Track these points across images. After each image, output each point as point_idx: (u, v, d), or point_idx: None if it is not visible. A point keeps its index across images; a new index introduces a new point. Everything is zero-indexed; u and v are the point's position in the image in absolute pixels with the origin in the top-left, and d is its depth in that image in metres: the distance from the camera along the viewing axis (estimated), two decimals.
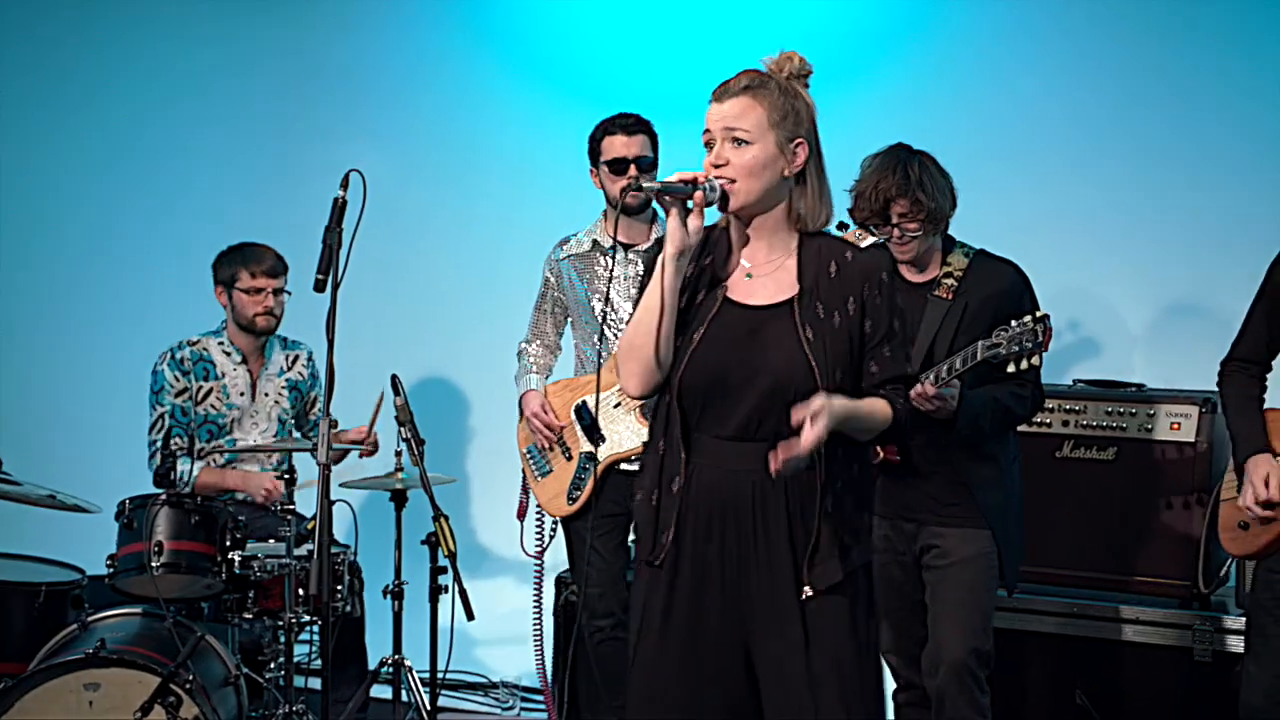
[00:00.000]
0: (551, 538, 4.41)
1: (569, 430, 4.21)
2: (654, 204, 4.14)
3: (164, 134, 5.77)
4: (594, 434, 4.13)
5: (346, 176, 3.43)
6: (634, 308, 2.82)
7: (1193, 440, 4.01)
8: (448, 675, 4.34)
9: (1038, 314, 3.34)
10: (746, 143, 2.68)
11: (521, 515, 4.42)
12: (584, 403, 4.18)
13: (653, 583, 2.77)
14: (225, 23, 5.73)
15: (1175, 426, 4.04)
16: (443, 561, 4.03)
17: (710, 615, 2.72)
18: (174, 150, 5.77)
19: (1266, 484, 3.26)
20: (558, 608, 4.49)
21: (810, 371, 2.65)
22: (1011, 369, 3.35)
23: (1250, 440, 3.37)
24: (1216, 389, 3.56)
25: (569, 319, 4.35)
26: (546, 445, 4.26)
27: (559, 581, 4.53)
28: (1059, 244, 4.70)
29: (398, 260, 5.46)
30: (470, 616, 3.80)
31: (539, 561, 4.45)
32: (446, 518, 3.86)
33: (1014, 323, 3.34)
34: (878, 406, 2.68)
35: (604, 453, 4.10)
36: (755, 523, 2.70)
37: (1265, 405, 3.45)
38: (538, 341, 4.40)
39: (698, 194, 2.67)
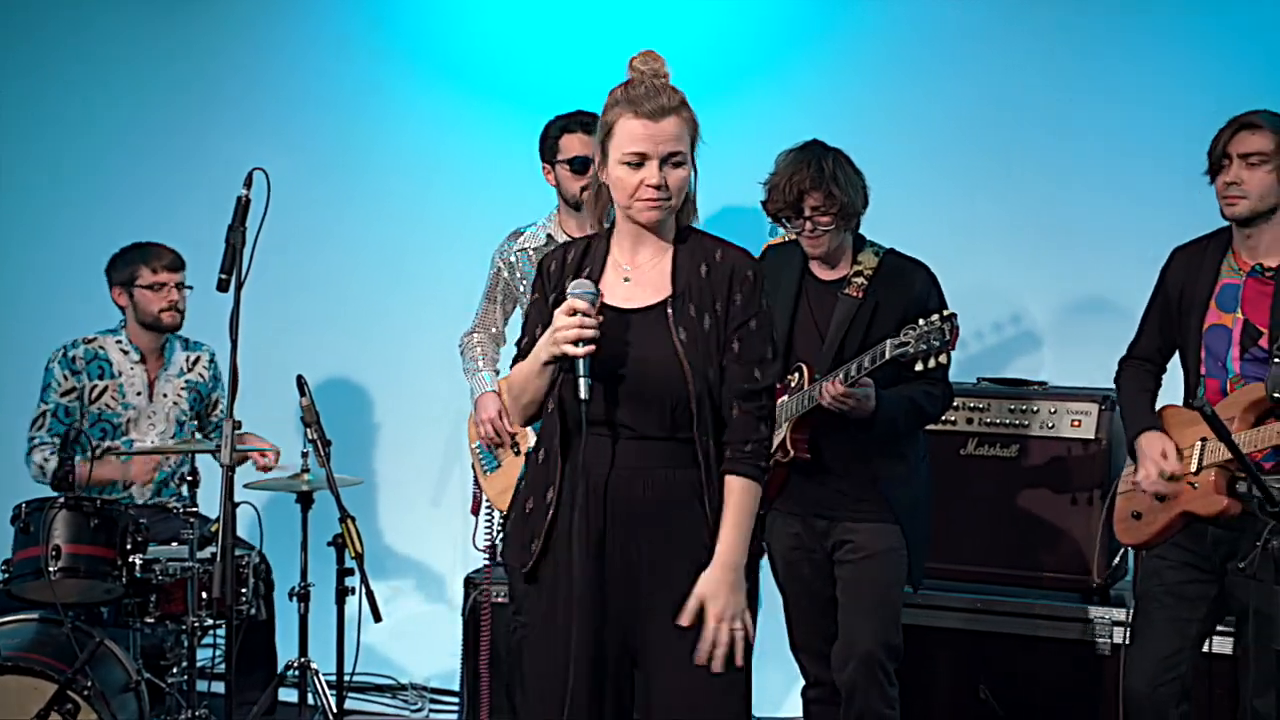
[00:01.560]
0: (499, 533, 4.39)
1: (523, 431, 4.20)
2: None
3: (62, 133, 5.65)
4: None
5: (250, 175, 3.39)
6: None
7: (1093, 437, 4.09)
8: (355, 678, 4.29)
9: (945, 313, 3.37)
10: (681, 164, 2.71)
11: (475, 510, 4.40)
12: None
13: (532, 592, 2.79)
14: (124, 19, 5.62)
15: (1076, 424, 4.12)
16: (350, 563, 3.99)
17: (596, 620, 2.72)
18: (72, 150, 5.64)
19: (1164, 456, 3.33)
20: (467, 610, 4.46)
21: (682, 374, 2.68)
22: (919, 367, 3.38)
23: (1139, 421, 3.44)
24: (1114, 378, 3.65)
25: (517, 309, 4.33)
26: (498, 445, 4.25)
27: (468, 582, 4.50)
28: (968, 243, 4.75)
29: (302, 259, 5.39)
30: (377, 618, 3.77)
31: (488, 557, 4.42)
32: (353, 519, 3.83)
33: (922, 321, 3.37)
34: (749, 509, 2.72)
35: None
36: (645, 522, 2.71)
37: (1165, 403, 3.52)
38: (483, 333, 4.36)
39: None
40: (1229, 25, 4.60)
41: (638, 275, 2.78)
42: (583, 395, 2.62)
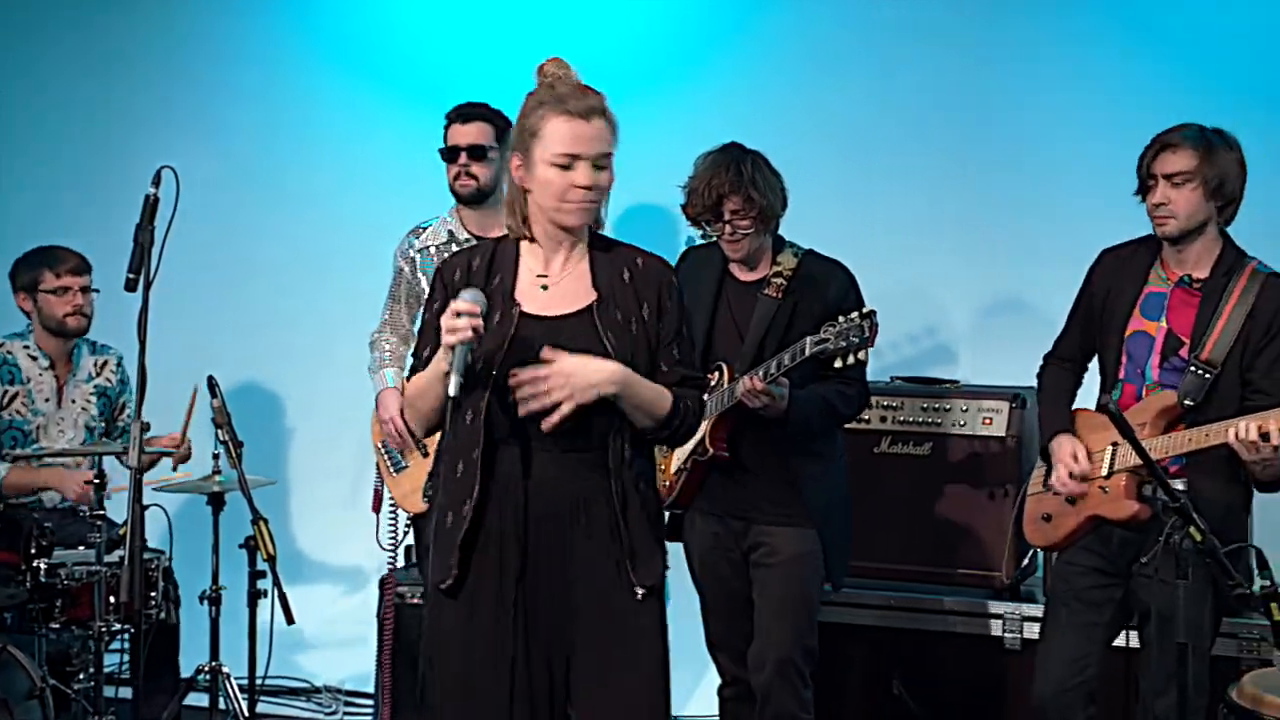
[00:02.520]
0: (406, 533, 4.35)
1: None
2: (498, 192, 4.11)
3: None
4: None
5: (158, 173, 3.33)
6: None
7: (1004, 435, 4.14)
8: (267, 681, 4.25)
9: (864, 310, 3.40)
10: (607, 166, 2.71)
11: (376, 508, 4.36)
12: None
13: (444, 609, 2.75)
14: (38, 16, 5.51)
15: (987, 422, 4.17)
16: (262, 565, 3.96)
17: (515, 637, 2.71)
18: None
19: (1075, 458, 3.38)
20: (381, 611, 4.43)
21: None
22: (839, 364, 3.40)
23: (1054, 423, 3.49)
24: (1030, 385, 3.69)
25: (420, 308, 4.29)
26: (403, 447, 4.21)
27: (382, 583, 4.47)
28: (887, 244, 4.78)
29: (214, 260, 5.35)
30: (290, 620, 3.73)
31: (392, 556, 4.38)
32: (266, 520, 3.79)
33: (841, 318, 3.39)
34: (661, 390, 2.71)
35: None
36: (570, 533, 2.71)
37: (1078, 406, 3.57)
38: (391, 332, 4.33)
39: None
40: (1153, 33, 4.66)
41: (555, 282, 2.76)
42: (451, 392, 2.58)
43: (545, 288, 2.76)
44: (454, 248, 4.18)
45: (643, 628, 2.73)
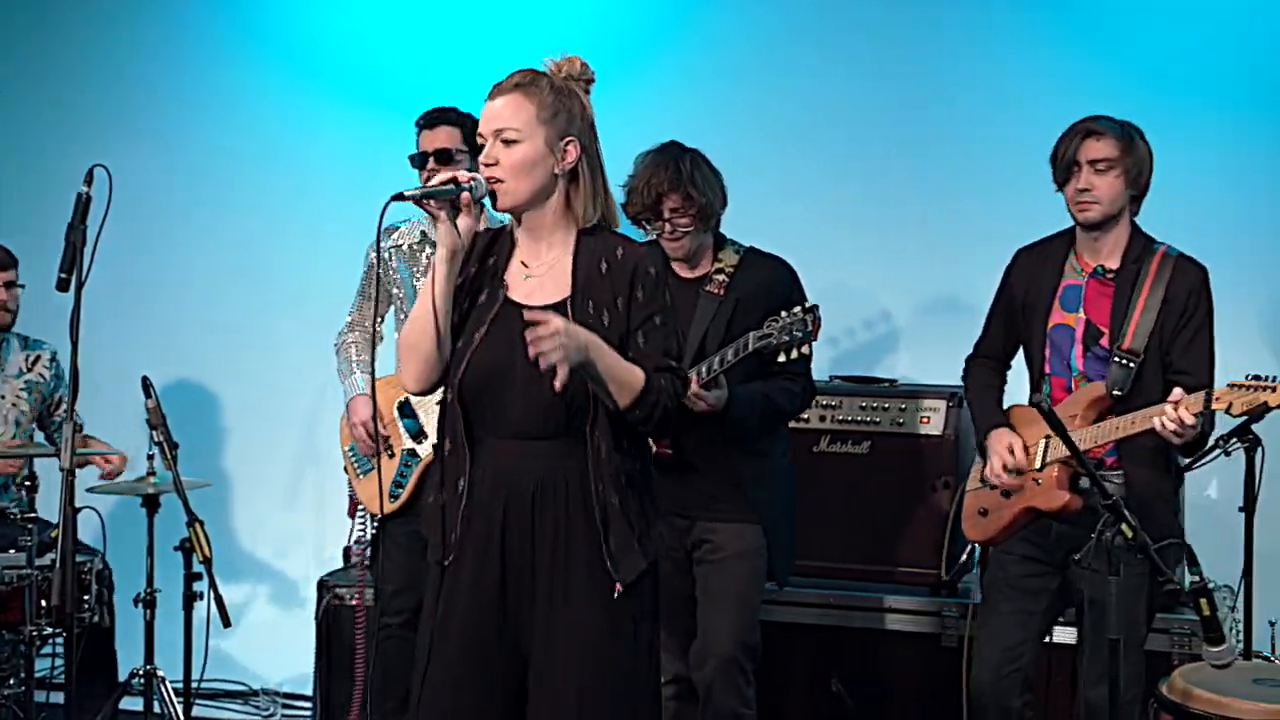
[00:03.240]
0: (374, 536, 4.32)
1: (392, 427, 4.13)
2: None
3: None
4: (418, 431, 4.07)
5: (90, 171, 3.29)
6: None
7: (941, 433, 4.18)
8: (203, 684, 4.21)
9: (807, 304, 3.42)
10: (515, 141, 2.68)
11: (352, 513, 4.33)
12: (407, 399, 4.10)
13: (440, 585, 2.74)
14: None
15: (925, 420, 4.21)
16: (198, 567, 3.91)
17: (492, 619, 2.70)
18: None
19: (1011, 451, 3.42)
20: (319, 613, 4.40)
21: None
22: (782, 359, 3.42)
23: (988, 418, 3.53)
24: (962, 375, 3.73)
25: (391, 308, 4.26)
26: (370, 451, 4.18)
27: (321, 585, 4.44)
28: (827, 241, 4.80)
29: (149, 259, 5.29)
30: (226, 623, 3.70)
31: (358, 559, 4.35)
32: (201, 522, 3.76)
33: (784, 313, 3.41)
34: (634, 368, 2.66)
35: (426, 450, 4.03)
36: (540, 523, 2.69)
37: (1012, 402, 3.61)
38: (359, 332, 4.29)
39: (463, 194, 2.67)
40: (1089, 32, 4.72)
41: (539, 273, 2.75)
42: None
43: (529, 276, 2.76)
44: (427, 248, 4.16)
45: (617, 625, 2.69)
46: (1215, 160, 4.56)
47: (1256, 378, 3.08)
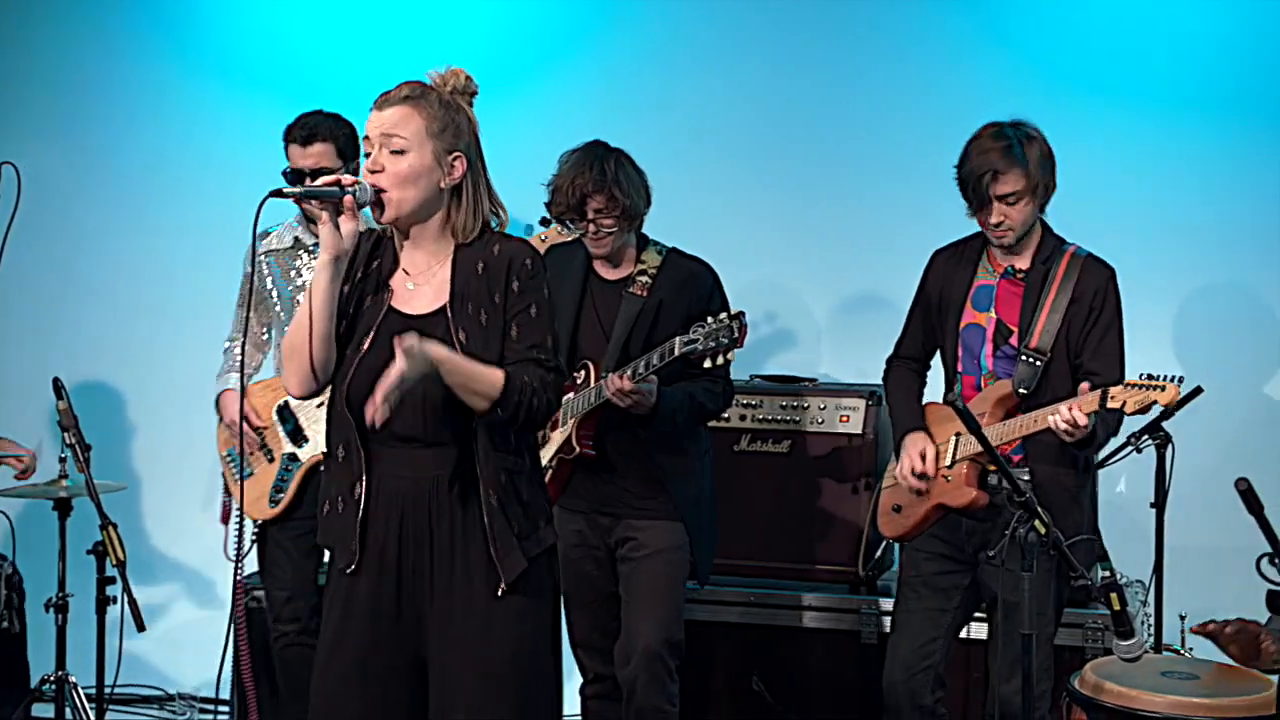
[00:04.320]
0: (254, 543, 4.27)
1: (271, 431, 4.09)
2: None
3: None
4: (297, 435, 4.03)
5: None
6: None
7: (860, 432, 4.21)
8: (117, 689, 4.14)
9: (734, 311, 3.44)
10: (403, 151, 2.68)
11: (225, 519, 4.28)
12: (286, 403, 4.06)
13: (340, 592, 2.75)
14: None
15: (844, 419, 4.24)
16: (111, 571, 3.85)
17: (388, 623, 2.71)
18: None
19: (923, 457, 3.46)
20: (230, 617, 4.34)
21: None
22: (708, 364, 3.44)
23: (907, 421, 3.57)
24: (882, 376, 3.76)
25: (270, 316, 4.21)
26: (247, 449, 4.13)
27: (236, 589, 4.38)
28: (749, 240, 4.83)
29: (60, 258, 5.21)
30: (141, 627, 3.64)
31: (239, 566, 4.30)
32: (114, 525, 3.70)
33: (710, 319, 3.42)
34: (491, 370, 2.67)
35: (306, 454, 4.01)
36: (434, 524, 2.70)
37: (925, 400, 3.66)
38: (244, 339, 4.23)
39: (347, 198, 2.65)
40: (988, 27, 4.79)
41: (421, 281, 2.76)
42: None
43: (411, 284, 2.76)
44: (301, 254, 4.12)
45: (507, 623, 2.71)
46: (1121, 159, 4.64)
47: (1150, 377, 3.14)
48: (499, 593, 2.69)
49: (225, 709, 4.76)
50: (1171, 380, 3.12)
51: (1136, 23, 4.67)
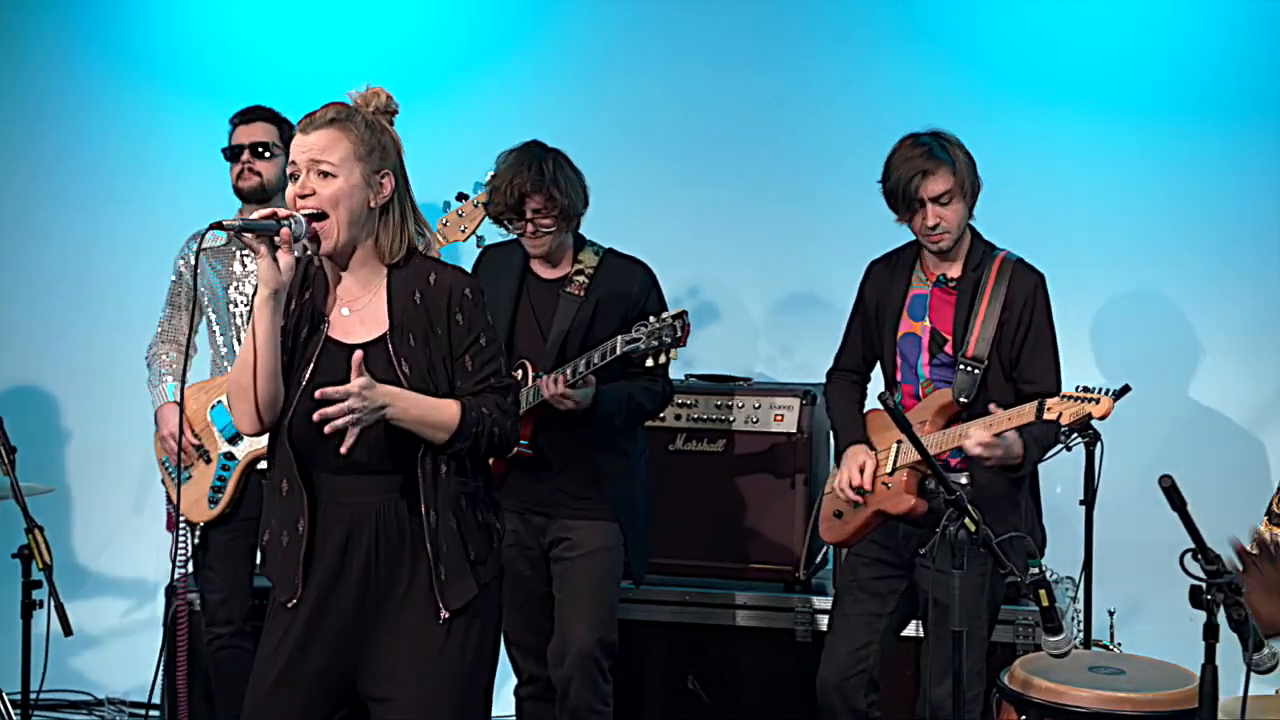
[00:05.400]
0: (197, 548, 4.23)
1: (207, 432, 4.05)
2: (281, 194, 4.03)
3: None
4: (234, 433, 4.00)
5: None
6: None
7: (795, 431, 4.23)
8: (43, 695, 4.07)
9: (676, 310, 3.45)
10: (332, 175, 2.66)
11: (170, 527, 4.22)
12: (221, 403, 4.02)
13: (280, 623, 2.74)
14: None
15: (779, 418, 4.25)
16: (37, 575, 3.79)
17: (328, 652, 2.71)
18: None
19: (861, 471, 3.48)
20: (167, 619, 4.30)
21: None
22: (649, 363, 3.44)
23: (849, 433, 3.60)
24: (822, 381, 3.77)
25: (204, 317, 4.17)
26: (185, 460, 4.09)
27: (169, 591, 4.34)
28: (686, 240, 4.84)
29: None
30: (68, 632, 3.58)
31: (183, 570, 4.25)
32: (41, 529, 3.63)
33: (653, 318, 3.43)
34: (445, 404, 2.67)
35: (243, 450, 3.97)
36: (381, 554, 2.69)
37: (871, 408, 3.66)
38: (170, 343, 4.20)
39: (284, 231, 2.63)
40: (925, 28, 4.82)
41: (356, 308, 2.75)
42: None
43: (346, 312, 2.75)
44: (234, 249, 4.09)
45: (449, 650, 2.71)
46: (1048, 162, 4.68)
47: (1085, 389, 3.17)
48: (441, 620, 2.69)
49: (155, 713, 4.71)
50: (1106, 393, 3.15)
51: (1062, 23, 4.71)
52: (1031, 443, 3.34)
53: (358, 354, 2.56)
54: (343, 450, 2.57)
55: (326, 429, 2.56)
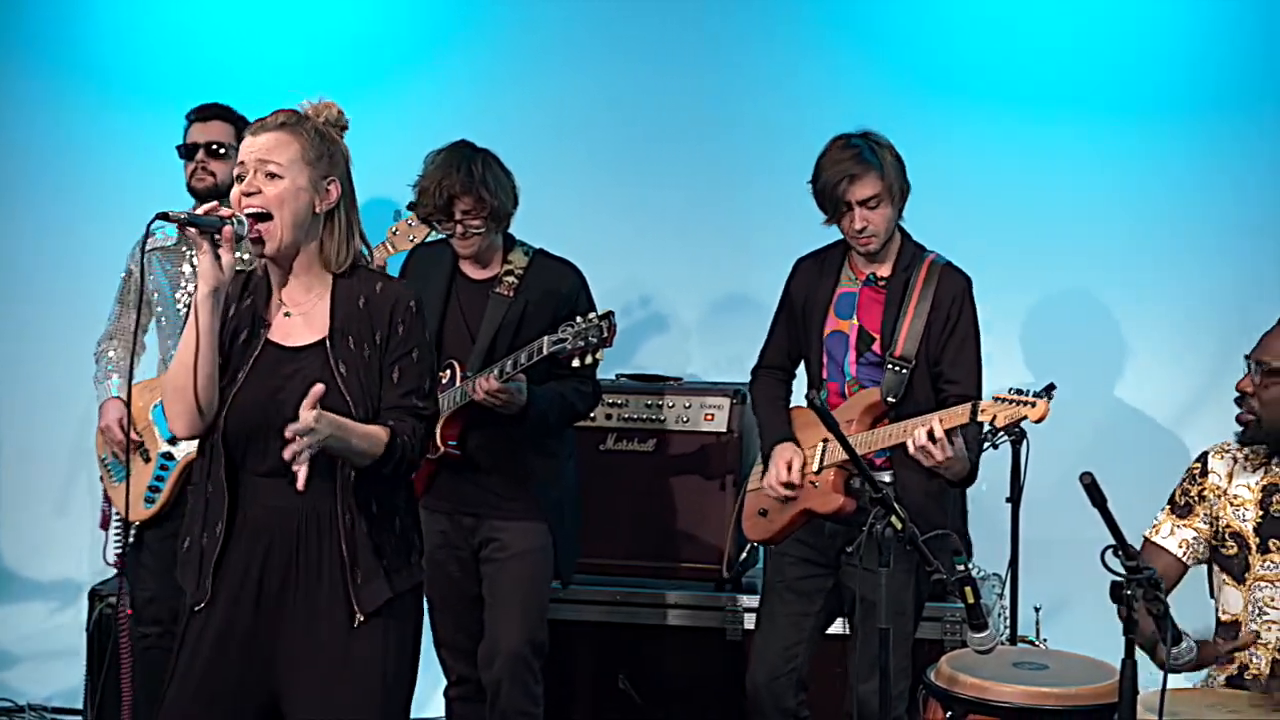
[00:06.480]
0: (132, 546, 4.17)
1: (148, 431, 4.02)
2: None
3: None
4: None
5: None
6: None
7: (725, 430, 4.24)
8: None
9: (603, 310, 3.44)
10: (279, 176, 2.67)
11: (104, 525, 4.19)
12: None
13: (192, 629, 2.72)
14: None
15: (710, 417, 4.26)
16: None
17: (240, 664, 2.69)
18: None
19: (789, 468, 3.49)
20: (91, 624, 4.24)
21: (346, 407, 2.67)
22: (576, 364, 3.43)
23: (775, 430, 3.61)
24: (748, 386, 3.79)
25: (153, 317, 4.13)
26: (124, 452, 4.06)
27: (93, 594, 4.28)
28: (617, 240, 4.83)
29: None
30: None
31: (120, 570, 4.19)
32: None
33: (580, 318, 3.43)
34: (374, 431, 2.68)
35: (182, 451, 3.94)
36: (300, 558, 2.69)
37: (796, 404, 3.67)
38: (118, 340, 4.15)
39: (226, 229, 2.63)
40: (853, 27, 4.83)
41: (299, 312, 2.75)
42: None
43: (288, 314, 2.75)
44: (184, 250, 4.05)
45: (363, 656, 2.70)
46: (980, 161, 4.71)
47: (1020, 392, 3.19)
48: (355, 624, 2.68)
49: (79, 718, 4.65)
50: (1040, 396, 3.17)
51: (989, 21, 4.74)
52: (974, 449, 3.35)
53: (318, 386, 2.55)
54: (300, 488, 2.55)
55: (295, 466, 2.54)
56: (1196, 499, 3.12)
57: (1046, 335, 4.71)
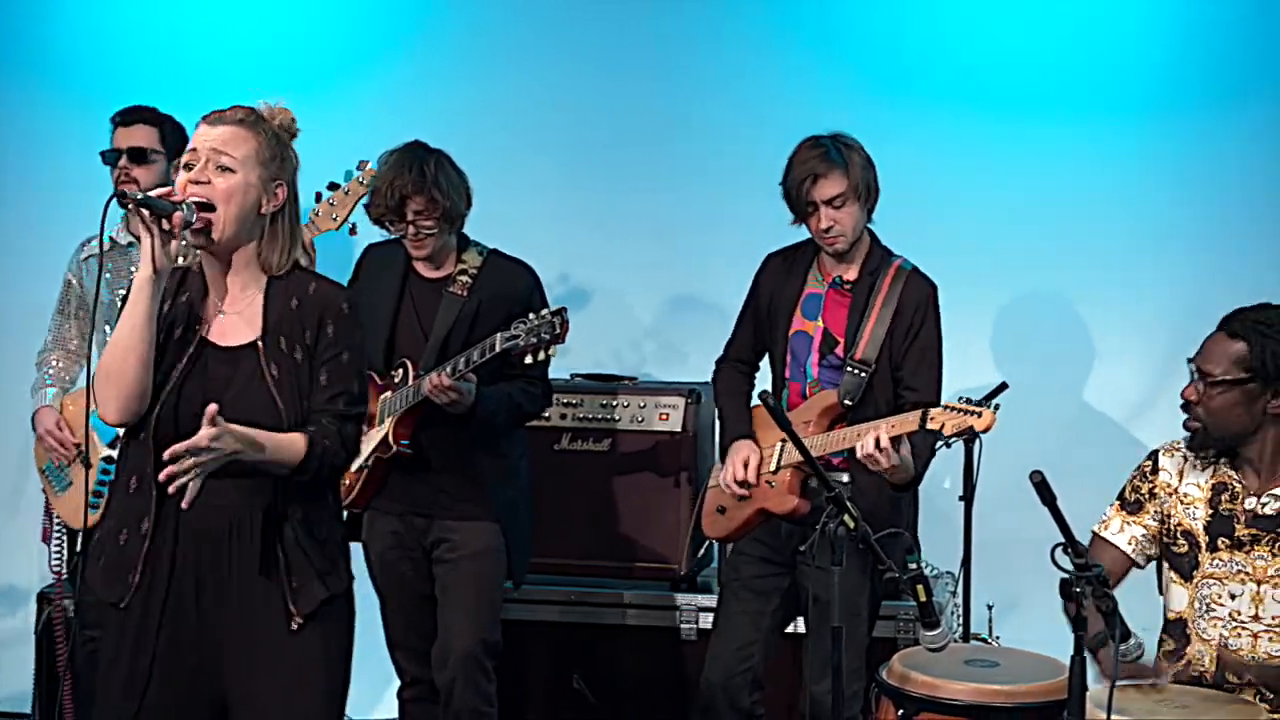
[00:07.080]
0: (78, 556, 4.12)
1: (90, 438, 3.96)
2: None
3: None
4: (115, 438, 3.91)
5: None
6: None
7: (680, 430, 4.24)
8: None
9: (555, 307, 3.44)
10: (231, 170, 2.66)
11: (46, 539, 4.15)
12: None
13: (119, 628, 2.69)
14: None
15: (664, 417, 4.26)
16: None
17: (183, 659, 2.67)
18: None
19: (746, 465, 3.49)
20: (39, 628, 4.19)
21: (276, 408, 2.66)
22: (529, 360, 3.43)
23: (735, 427, 3.61)
24: (708, 381, 3.80)
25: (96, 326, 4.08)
26: (65, 460, 4.01)
27: (41, 598, 4.23)
28: (572, 241, 4.82)
29: None
30: None
31: (62, 578, 4.14)
32: None
33: (532, 315, 3.43)
34: (290, 440, 2.65)
35: None
36: (231, 558, 2.67)
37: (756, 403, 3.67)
38: (59, 350, 4.11)
39: (176, 215, 2.61)
40: (809, 29, 4.83)
41: (234, 311, 2.73)
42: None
43: (224, 313, 2.73)
44: (116, 255, 4.01)
45: (302, 657, 2.69)
46: (948, 163, 4.70)
47: (968, 401, 3.20)
48: (292, 627, 2.67)
49: None
50: (988, 406, 3.18)
51: (943, 21, 4.74)
52: (924, 456, 3.36)
53: (212, 407, 2.52)
54: (184, 505, 2.53)
55: (171, 489, 2.52)
56: (1147, 496, 3.14)
57: (1014, 337, 4.70)
